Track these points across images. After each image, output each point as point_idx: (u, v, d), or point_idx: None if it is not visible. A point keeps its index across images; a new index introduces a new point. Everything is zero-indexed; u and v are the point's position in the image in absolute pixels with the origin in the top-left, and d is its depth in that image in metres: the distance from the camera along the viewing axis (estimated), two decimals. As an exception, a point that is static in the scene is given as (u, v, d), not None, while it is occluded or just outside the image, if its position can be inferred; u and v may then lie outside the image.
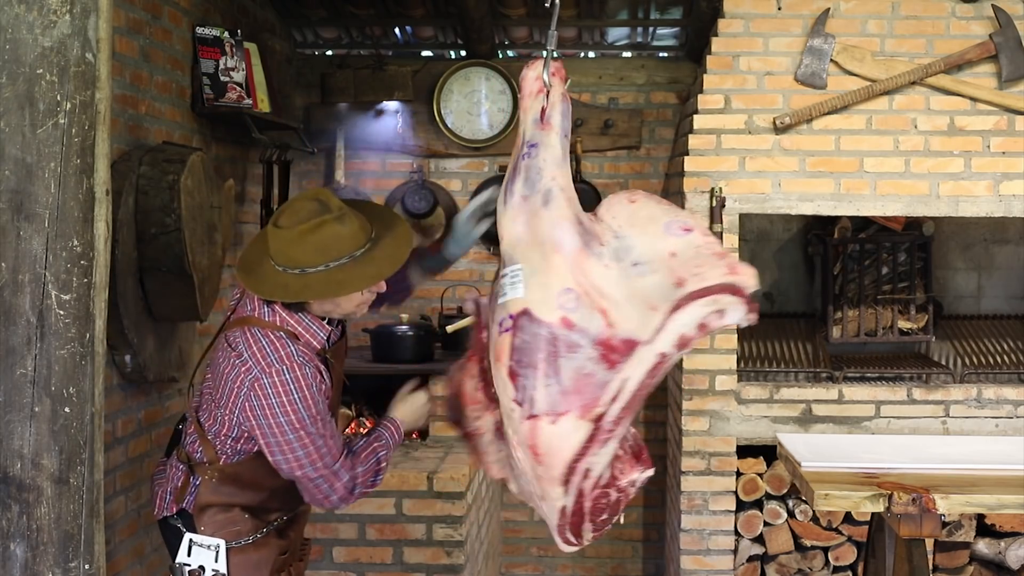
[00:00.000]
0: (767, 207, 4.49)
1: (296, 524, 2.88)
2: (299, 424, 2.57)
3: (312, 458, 2.61)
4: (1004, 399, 4.55)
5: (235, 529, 2.72)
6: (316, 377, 2.61)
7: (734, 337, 4.53)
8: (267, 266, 2.61)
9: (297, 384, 2.57)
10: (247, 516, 2.73)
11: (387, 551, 4.34)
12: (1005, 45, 4.42)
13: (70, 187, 2.36)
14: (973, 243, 5.24)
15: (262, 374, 2.58)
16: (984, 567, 4.59)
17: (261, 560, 2.73)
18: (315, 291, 2.56)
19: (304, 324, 2.66)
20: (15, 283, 2.34)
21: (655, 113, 5.47)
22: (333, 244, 2.53)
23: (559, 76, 2.61)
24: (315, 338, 2.67)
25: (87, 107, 2.37)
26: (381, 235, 2.63)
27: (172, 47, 4.00)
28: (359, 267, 2.56)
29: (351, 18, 5.39)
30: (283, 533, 2.81)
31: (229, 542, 2.71)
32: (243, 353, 2.61)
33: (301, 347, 2.62)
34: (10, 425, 2.34)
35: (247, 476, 2.71)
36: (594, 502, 2.47)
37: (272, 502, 2.78)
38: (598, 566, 5.57)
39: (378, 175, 5.44)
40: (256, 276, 2.63)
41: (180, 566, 2.72)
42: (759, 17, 4.54)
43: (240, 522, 2.73)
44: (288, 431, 2.58)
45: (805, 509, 4.56)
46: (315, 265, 2.54)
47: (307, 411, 2.58)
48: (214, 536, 2.71)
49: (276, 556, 2.76)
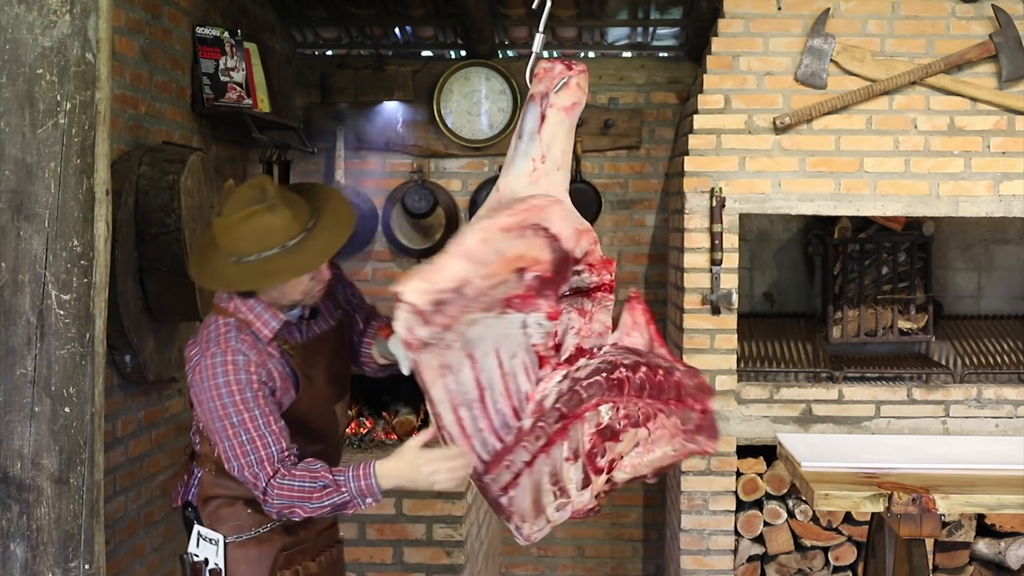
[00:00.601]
0: (767, 207, 4.49)
1: (311, 522, 2.81)
2: (222, 411, 2.54)
3: (234, 452, 2.55)
4: (1004, 399, 4.55)
5: (236, 523, 2.72)
6: (251, 367, 2.57)
7: (734, 337, 4.53)
8: (212, 253, 2.63)
9: (225, 368, 2.55)
10: (250, 511, 2.71)
11: (387, 551, 4.34)
12: (1005, 45, 4.42)
13: (70, 187, 2.36)
14: (973, 243, 5.24)
15: (202, 357, 2.59)
16: (984, 567, 4.59)
17: (262, 555, 2.72)
18: (247, 281, 2.56)
19: (255, 312, 2.64)
20: (15, 283, 2.34)
21: (655, 113, 5.46)
22: (265, 234, 2.53)
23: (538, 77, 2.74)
24: (266, 326, 2.64)
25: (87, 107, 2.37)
26: (321, 223, 2.61)
27: (172, 47, 4.00)
28: (289, 258, 2.55)
29: (351, 18, 5.39)
30: (292, 529, 2.78)
31: (229, 537, 2.71)
32: (197, 337, 2.66)
33: (245, 336, 2.60)
34: (10, 425, 2.34)
35: None
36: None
37: None
38: (598, 566, 5.57)
39: (378, 175, 5.44)
40: (200, 263, 2.66)
41: (189, 556, 2.74)
42: (759, 17, 4.54)
43: (242, 516, 2.72)
44: (214, 417, 2.56)
45: (805, 509, 4.56)
46: (248, 254, 2.55)
47: (230, 398, 2.54)
48: (217, 530, 2.72)
49: (278, 552, 2.74)
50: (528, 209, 2.61)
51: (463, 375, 2.61)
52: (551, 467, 2.65)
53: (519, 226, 2.58)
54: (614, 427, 2.67)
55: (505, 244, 2.55)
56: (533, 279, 2.58)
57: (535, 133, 2.76)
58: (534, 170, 2.76)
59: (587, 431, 2.65)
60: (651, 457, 2.76)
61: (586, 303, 2.76)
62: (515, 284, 2.57)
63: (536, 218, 2.59)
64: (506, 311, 2.59)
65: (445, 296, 2.46)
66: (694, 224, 4.49)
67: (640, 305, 2.85)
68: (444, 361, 2.57)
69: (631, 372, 2.70)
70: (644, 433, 2.72)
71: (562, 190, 2.77)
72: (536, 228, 2.59)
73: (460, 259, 2.52)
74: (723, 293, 4.44)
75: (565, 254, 2.62)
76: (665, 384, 2.75)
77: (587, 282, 2.75)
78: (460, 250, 2.52)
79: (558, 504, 2.67)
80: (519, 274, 2.57)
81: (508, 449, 2.64)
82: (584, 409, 2.65)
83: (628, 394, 2.70)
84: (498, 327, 2.61)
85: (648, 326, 2.84)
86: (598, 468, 2.68)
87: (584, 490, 2.69)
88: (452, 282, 2.49)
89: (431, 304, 2.45)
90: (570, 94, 2.75)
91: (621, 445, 2.70)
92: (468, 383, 2.61)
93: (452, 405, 2.58)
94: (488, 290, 2.52)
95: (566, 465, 2.65)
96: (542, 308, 2.62)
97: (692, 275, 4.51)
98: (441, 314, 2.48)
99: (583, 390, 2.64)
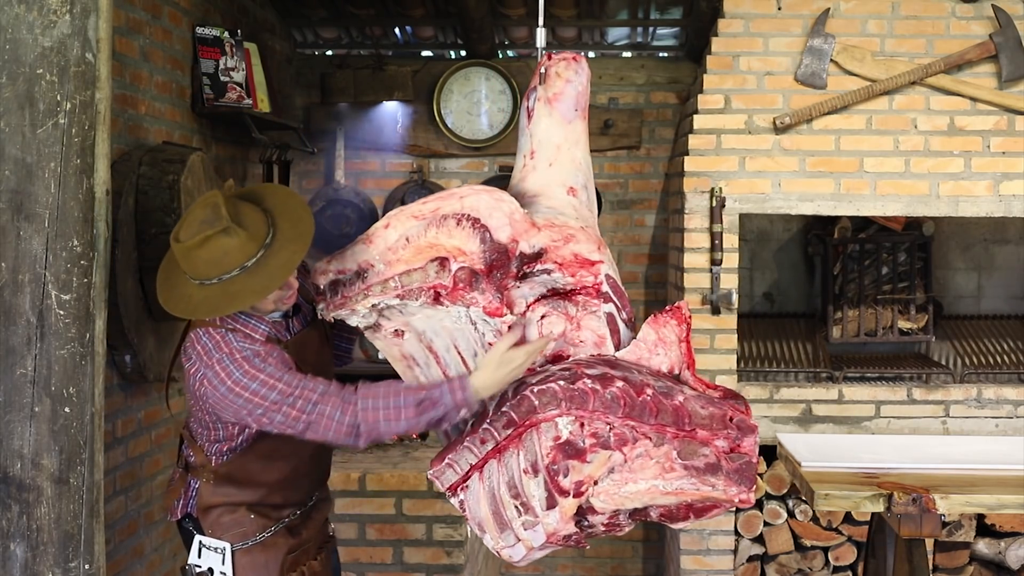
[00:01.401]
0: (767, 207, 4.49)
1: (310, 521, 2.85)
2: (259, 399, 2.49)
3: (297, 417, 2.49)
4: (1004, 399, 4.55)
5: (241, 531, 2.71)
6: (261, 353, 2.54)
7: (734, 337, 4.53)
8: (176, 275, 2.55)
9: (239, 365, 2.51)
10: (253, 516, 2.72)
11: (387, 551, 4.34)
12: (1005, 45, 4.42)
13: (70, 187, 2.36)
14: (973, 243, 5.24)
15: (207, 369, 2.54)
16: (984, 567, 4.59)
17: (269, 560, 2.72)
18: (214, 306, 2.48)
19: (241, 320, 2.62)
20: (15, 283, 2.34)
21: (655, 113, 5.46)
22: (222, 258, 2.45)
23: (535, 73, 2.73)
24: (255, 331, 2.62)
25: (87, 107, 2.37)
26: (280, 236, 2.52)
27: (172, 47, 4.00)
28: (250, 279, 2.47)
29: (351, 18, 5.39)
30: (295, 531, 2.79)
31: (235, 544, 2.70)
32: (191, 356, 2.59)
33: (241, 337, 2.58)
34: (10, 425, 2.34)
35: (240, 474, 2.70)
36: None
37: (277, 496, 2.75)
38: (598, 566, 5.57)
39: (378, 175, 5.44)
40: (165, 287, 2.57)
41: (191, 567, 2.72)
42: (759, 17, 4.54)
43: (246, 523, 2.71)
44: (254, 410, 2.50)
45: (805, 509, 4.56)
46: (210, 278, 2.48)
47: (257, 383, 2.50)
48: (221, 538, 2.70)
49: (284, 555, 2.74)
50: (444, 198, 2.55)
51: (431, 369, 2.65)
52: (508, 477, 2.50)
53: (433, 214, 2.52)
54: (576, 444, 2.45)
55: (415, 231, 2.53)
56: (460, 271, 2.53)
57: (525, 129, 2.75)
58: (523, 166, 2.73)
59: (545, 443, 2.46)
60: (632, 488, 2.48)
61: (570, 307, 2.61)
62: (436, 274, 2.54)
63: (456, 207, 2.52)
64: (438, 302, 2.55)
65: (342, 277, 2.58)
66: (694, 224, 4.49)
67: (674, 320, 2.62)
68: (404, 351, 2.64)
69: (599, 384, 2.46)
70: (619, 458, 2.46)
71: (555, 186, 2.69)
72: (461, 218, 2.51)
73: (361, 243, 2.58)
74: (723, 293, 4.44)
75: (499, 246, 2.51)
76: (653, 406, 2.46)
77: (561, 283, 2.59)
78: (363, 235, 2.58)
79: (524, 521, 2.49)
80: (440, 264, 2.53)
81: (450, 447, 2.57)
82: (539, 419, 2.46)
83: (594, 409, 2.45)
84: (444, 319, 2.59)
85: (681, 344, 2.61)
86: (562, 488, 2.46)
87: (550, 511, 2.47)
88: (350, 263, 2.58)
89: (328, 284, 2.59)
90: (551, 84, 2.70)
91: (590, 467, 2.46)
92: (437, 377, 2.65)
93: None
94: (396, 276, 2.55)
95: (525, 478, 2.48)
96: (478, 302, 2.54)
97: (692, 275, 4.51)
98: (336, 293, 2.59)
99: (534, 396, 2.47)
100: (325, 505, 2.95)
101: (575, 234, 2.60)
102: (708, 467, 2.44)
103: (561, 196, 2.70)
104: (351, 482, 4.35)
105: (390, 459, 4.64)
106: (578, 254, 2.58)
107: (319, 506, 2.91)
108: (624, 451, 2.44)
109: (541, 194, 2.70)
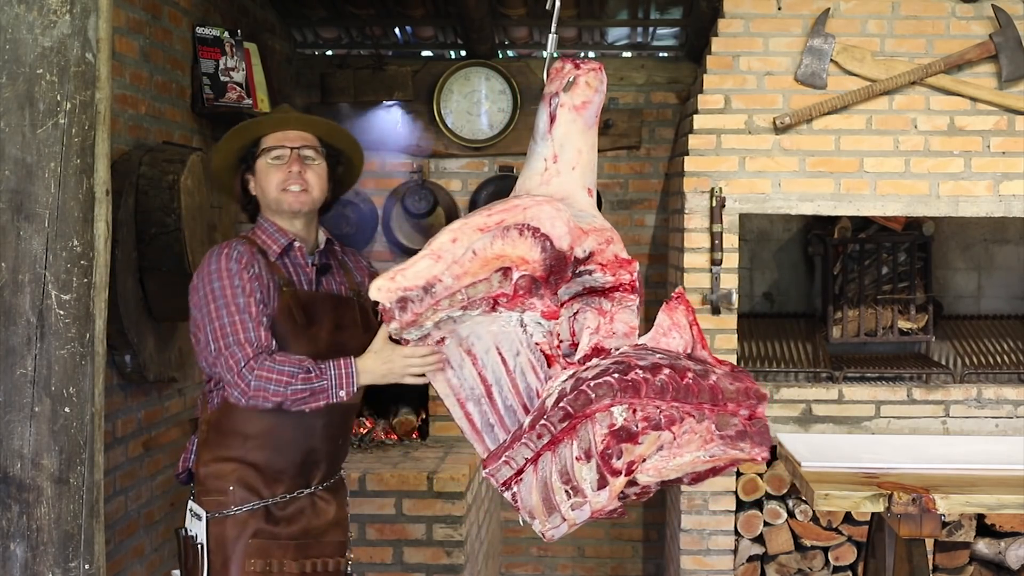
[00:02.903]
0: (767, 207, 4.49)
1: (301, 517, 2.78)
2: (210, 295, 2.66)
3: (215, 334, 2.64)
4: (1004, 399, 4.55)
5: (219, 499, 2.71)
6: (243, 260, 2.67)
7: (734, 337, 4.54)
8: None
9: (219, 259, 2.68)
10: (232, 488, 2.72)
11: (387, 551, 4.34)
12: (1005, 45, 4.42)
13: (70, 187, 2.36)
14: (973, 243, 5.24)
15: (202, 260, 2.72)
16: (984, 567, 4.59)
17: (237, 536, 2.70)
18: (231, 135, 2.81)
19: (263, 228, 2.80)
20: (15, 283, 2.34)
21: (655, 113, 5.47)
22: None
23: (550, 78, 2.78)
24: (275, 242, 2.78)
25: (87, 107, 2.37)
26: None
27: (172, 47, 4.00)
28: (267, 120, 2.84)
29: (351, 18, 5.39)
30: (273, 518, 2.73)
31: (210, 512, 2.71)
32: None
33: (247, 246, 2.71)
34: (10, 425, 2.34)
35: (226, 423, 2.72)
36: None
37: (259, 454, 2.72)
38: (598, 566, 5.57)
39: (378, 175, 5.44)
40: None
41: (185, 530, 2.76)
42: (759, 17, 4.54)
43: (226, 492, 2.72)
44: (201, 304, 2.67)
45: (805, 509, 4.56)
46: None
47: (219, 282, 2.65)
48: (201, 505, 2.73)
49: (249, 538, 2.69)
50: (508, 209, 2.62)
51: (464, 371, 2.68)
52: (560, 466, 2.62)
53: (498, 226, 2.60)
54: (630, 429, 2.62)
55: (481, 244, 2.58)
56: (522, 279, 2.60)
57: (546, 133, 2.79)
58: (545, 170, 2.78)
59: (599, 432, 2.61)
60: (678, 461, 2.68)
61: (604, 303, 2.75)
62: (499, 284, 2.60)
63: (519, 218, 2.60)
64: (496, 310, 2.62)
65: (410, 294, 2.56)
66: (694, 224, 4.49)
67: (682, 305, 2.80)
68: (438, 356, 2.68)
69: (650, 373, 2.63)
70: (668, 436, 2.65)
71: (578, 189, 2.78)
72: (523, 228, 2.60)
73: (427, 258, 2.58)
74: (723, 293, 4.45)
75: (559, 253, 2.62)
76: (695, 387, 2.67)
77: (600, 282, 2.73)
78: (428, 249, 2.59)
79: (573, 503, 2.63)
80: (503, 274, 2.60)
81: (507, 446, 2.64)
82: (594, 410, 2.60)
83: (646, 396, 2.63)
84: (491, 324, 2.64)
85: (691, 327, 2.79)
86: (614, 469, 2.62)
87: (601, 491, 2.64)
88: (418, 280, 2.57)
89: (395, 301, 2.56)
90: (579, 92, 2.76)
91: (641, 447, 2.64)
92: (471, 379, 2.67)
93: (458, 400, 2.66)
94: (463, 289, 2.58)
95: (577, 464, 2.61)
96: (536, 307, 2.63)
97: (692, 275, 4.51)
98: (406, 311, 2.57)
99: (591, 390, 2.60)
100: (325, 508, 2.84)
101: (613, 236, 2.77)
102: (738, 434, 2.67)
103: (584, 199, 2.80)
104: (351, 482, 4.35)
105: (390, 459, 4.64)
106: (617, 255, 2.75)
107: (316, 504, 2.82)
108: (672, 430, 2.64)
109: (568, 197, 2.78)
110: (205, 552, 2.70)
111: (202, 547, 2.70)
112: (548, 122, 2.78)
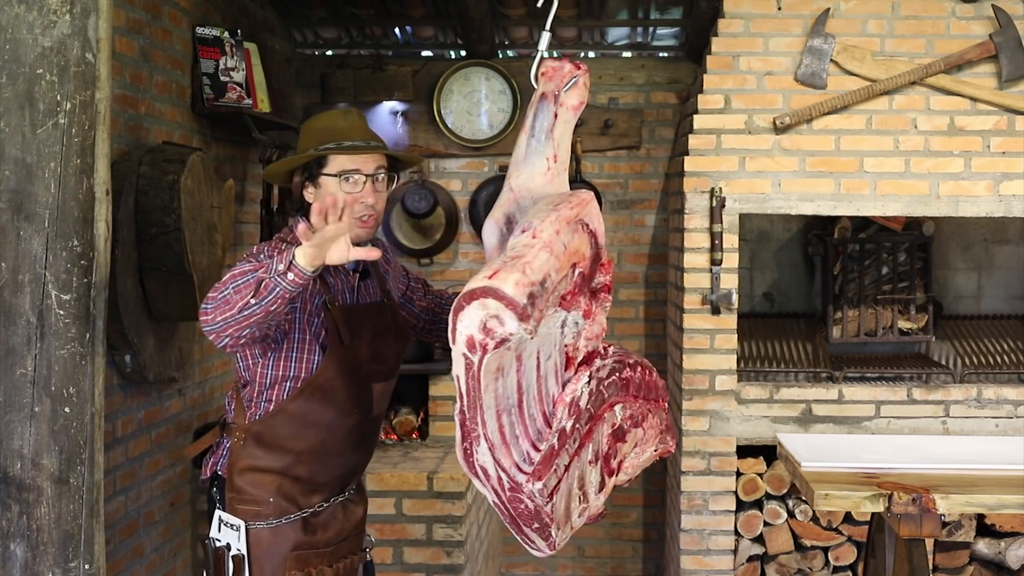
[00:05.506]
0: (767, 207, 4.49)
1: (334, 521, 2.80)
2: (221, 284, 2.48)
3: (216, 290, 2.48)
4: (1004, 399, 4.55)
5: (256, 510, 2.69)
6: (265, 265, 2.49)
7: (734, 337, 4.54)
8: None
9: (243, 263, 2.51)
10: (273, 500, 2.69)
11: (387, 551, 4.34)
12: (1005, 45, 4.42)
13: (70, 187, 2.36)
14: (973, 243, 5.24)
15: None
16: (984, 567, 4.59)
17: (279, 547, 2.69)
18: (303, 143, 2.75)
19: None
20: (15, 283, 2.34)
21: (655, 113, 5.47)
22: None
23: (547, 76, 2.72)
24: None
25: (87, 107, 2.38)
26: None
27: (172, 47, 4.00)
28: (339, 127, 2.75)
29: (351, 18, 5.39)
30: (311, 528, 2.75)
31: (249, 522, 2.68)
32: None
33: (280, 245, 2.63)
34: (10, 425, 2.34)
35: (269, 436, 2.68)
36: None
37: (303, 469, 2.71)
38: (598, 566, 5.57)
39: (378, 175, 5.44)
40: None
41: (212, 540, 2.72)
42: (759, 17, 4.54)
43: (264, 504, 2.69)
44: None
45: (805, 509, 4.56)
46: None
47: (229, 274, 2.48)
48: (236, 515, 2.69)
49: (289, 551, 2.70)
50: (580, 203, 2.50)
51: (509, 378, 2.38)
52: (580, 470, 2.55)
53: (576, 220, 2.47)
54: (623, 428, 2.63)
55: (568, 238, 2.40)
56: (578, 275, 2.47)
57: (549, 132, 2.75)
58: (548, 169, 2.74)
59: (605, 433, 2.60)
60: (643, 458, 2.73)
61: (592, 304, 2.69)
62: (569, 280, 2.43)
63: (584, 213, 2.52)
64: (557, 309, 2.44)
65: (535, 289, 2.22)
66: (694, 224, 4.49)
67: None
68: (500, 363, 2.31)
69: (632, 372, 2.67)
70: (640, 433, 2.69)
71: (567, 186, 2.77)
72: (582, 223, 2.50)
73: (544, 250, 2.29)
74: (723, 293, 4.45)
75: (599, 251, 2.58)
76: (652, 384, 2.74)
77: (598, 282, 2.68)
78: (541, 241, 2.31)
79: (580, 509, 2.57)
80: (572, 268, 2.45)
81: (556, 452, 2.47)
82: (604, 410, 2.59)
83: (632, 394, 2.66)
84: (543, 326, 2.41)
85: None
86: (611, 470, 2.63)
87: (600, 493, 2.62)
88: (539, 275, 2.26)
89: (528, 297, 2.17)
90: (577, 93, 2.75)
91: (626, 446, 2.67)
92: (511, 387, 2.38)
93: (497, 411, 2.32)
94: (558, 285, 2.36)
95: (589, 468, 2.56)
96: (581, 306, 2.53)
97: (692, 275, 4.51)
98: (535, 308, 2.22)
99: (605, 390, 2.58)
100: (354, 510, 2.88)
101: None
102: (667, 428, 2.81)
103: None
104: (351, 482, 4.36)
105: (390, 459, 4.64)
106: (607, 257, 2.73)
107: (347, 508, 2.85)
108: (643, 426, 2.71)
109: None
110: (246, 563, 2.67)
111: (243, 558, 2.67)
112: (552, 121, 2.77)
